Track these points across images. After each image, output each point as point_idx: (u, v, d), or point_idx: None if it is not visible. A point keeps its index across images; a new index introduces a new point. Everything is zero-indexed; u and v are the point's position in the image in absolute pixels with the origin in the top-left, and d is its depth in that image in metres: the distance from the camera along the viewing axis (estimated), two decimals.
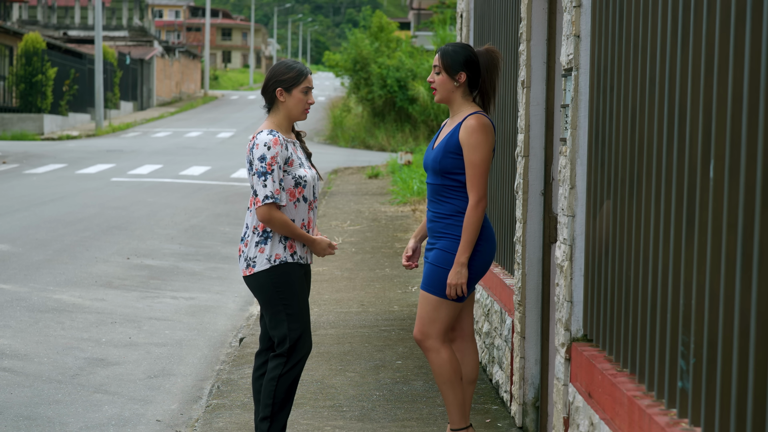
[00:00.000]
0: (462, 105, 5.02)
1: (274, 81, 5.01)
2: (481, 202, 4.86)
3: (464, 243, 4.87)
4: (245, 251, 4.99)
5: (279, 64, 5.11)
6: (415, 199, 16.80)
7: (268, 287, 4.96)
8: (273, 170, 4.86)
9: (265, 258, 4.94)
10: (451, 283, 4.89)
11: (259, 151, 4.87)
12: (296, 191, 4.98)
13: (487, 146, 4.89)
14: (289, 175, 4.95)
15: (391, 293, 9.76)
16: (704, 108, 3.03)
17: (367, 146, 32.64)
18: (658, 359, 3.40)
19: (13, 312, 8.91)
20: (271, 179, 4.85)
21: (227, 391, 6.52)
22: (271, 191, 4.85)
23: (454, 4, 30.67)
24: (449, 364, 4.99)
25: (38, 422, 6.09)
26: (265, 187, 4.85)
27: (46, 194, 17.73)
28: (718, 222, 2.90)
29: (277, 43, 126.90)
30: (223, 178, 21.46)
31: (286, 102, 5.02)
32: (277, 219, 4.87)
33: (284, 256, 4.95)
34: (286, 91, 5.00)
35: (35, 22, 55.48)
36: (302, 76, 5.01)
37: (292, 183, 4.96)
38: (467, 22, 8.11)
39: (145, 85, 54.99)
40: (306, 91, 5.03)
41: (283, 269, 4.95)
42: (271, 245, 4.94)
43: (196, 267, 11.53)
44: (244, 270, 5.00)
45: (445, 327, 5.00)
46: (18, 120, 35.78)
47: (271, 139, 4.89)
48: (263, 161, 4.86)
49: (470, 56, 5.02)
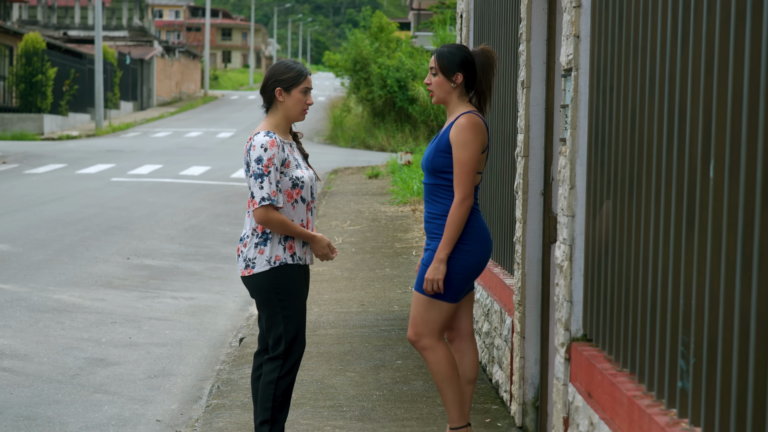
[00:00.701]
0: (458, 105, 5.03)
1: (273, 81, 5.00)
2: (465, 201, 4.87)
3: (445, 239, 4.88)
4: (244, 252, 4.98)
5: (278, 64, 5.10)
6: (415, 199, 16.79)
7: (266, 288, 4.95)
8: (270, 172, 4.85)
9: (265, 260, 4.93)
10: (428, 277, 4.90)
11: (256, 152, 4.86)
12: (294, 192, 4.97)
13: (475, 145, 4.89)
14: (286, 176, 4.95)
15: (391, 293, 9.76)
16: (704, 108, 3.03)
17: (367, 146, 32.63)
18: (658, 359, 3.40)
19: (13, 312, 8.91)
20: (267, 181, 4.85)
21: (227, 391, 6.52)
22: (268, 193, 4.84)
23: (454, 4, 30.66)
24: (445, 362, 4.99)
25: (38, 422, 6.09)
26: (262, 189, 4.84)
27: (46, 194, 17.73)
28: (718, 222, 2.90)
29: (277, 43, 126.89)
30: (223, 178, 21.46)
31: (285, 102, 5.01)
32: (274, 220, 4.87)
33: (284, 258, 4.95)
34: (286, 91, 5.00)
35: (35, 22, 55.48)
36: (302, 77, 5.01)
37: (289, 184, 4.96)
38: (467, 23, 8.11)
39: (145, 85, 54.99)
40: (305, 92, 5.02)
41: (282, 271, 4.95)
42: (271, 247, 4.94)
43: (196, 267, 11.53)
44: (243, 270, 4.99)
45: (439, 326, 5.00)
46: (18, 120, 35.78)
47: (267, 140, 4.88)
48: (260, 163, 4.85)
49: (466, 57, 5.02)
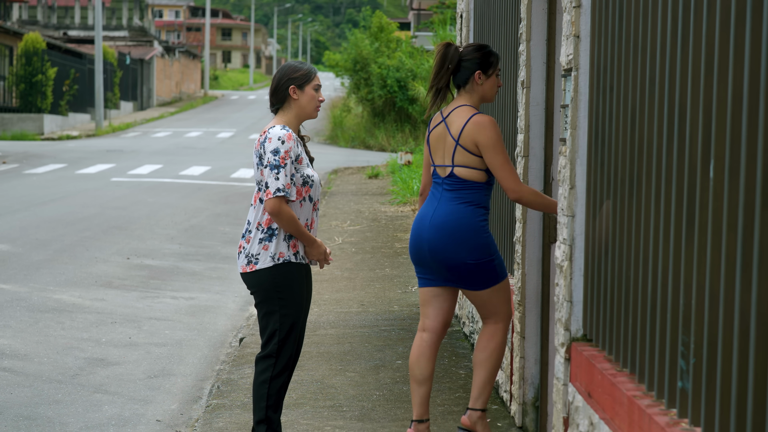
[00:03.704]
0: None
1: (286, 79, 5.04)
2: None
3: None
4: (246, 247, 4.98)
5: (286, 64, 5.16)
6: (415, 199, 16.77)
7: (268, 285, 4.95)
8: (286, 164, 4.87)
9: (269, 256, 4.93)
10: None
11: (273, 144, 4.88)
12: (303, 190, 4.99)
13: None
14: (299, 173, 4.96)
15: (391, 293, 9.76)
16: (704, 108, 3.03)
17: (367, 146, 32.62)
18: (658, 359, 3.40)
19: (13, 312, 8.91)
20: (283, 173, 4.86)
21: (227, 391, 6.52)
22: (283, 185, 4.85)
23: (454, 4, 30.64)
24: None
25: (38, 422, 6.09)
26: (278, 179, 4.85)
27: (46, 194, 17.72)
28: (718, 222, 2.90)
29: (277, 43, 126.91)
30: (223, 178, 21.45)
31: (300, 99, 5.04)
32: (285, 213, 4.87)
33: (288, 255, 4.95)
34: (299, 89, 5.03)
35: (35, 22, 55.46)
36: (312, 74, 5.08)
37: (300, 181, 4.97)
38: (467, 23, 8.11)
39: (145, 85, 54.98)
40: (317, 89, 5.08)
41: (286, 268, 4.95)
42: (276, 243, 4.94)
43: (196, 267, 11.53)
44: (244, 266, 4.98)
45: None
46: (18, 120, 35.77)
47: (285, 134, 4.91)
48: (276, 154, 4.86)
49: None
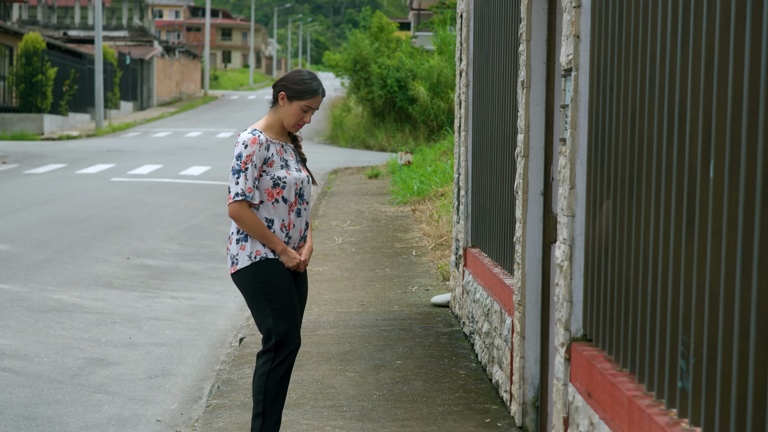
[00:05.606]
0: None
1: (283, 84, 5.11)
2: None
3: None
4: (230, 249, 5.09)
5: (297, 71, 5.20)
6: (415, 199, 16.77)
7: (251, 283, 5.03)
8: (247, 168, 4.95)
9: (246, 255, 5.02)
10: None
11: (237, 149, 5.00)
12: (274, 192, 5.04)
13: None
14: (267, 175, 5.02)
15: (391, 293, 9.76)
16: (704, 108, 3.03)
17: (367, 146, 32.62)
18: (658, 359, 3.40)
19: (13, 312, 8.91)
20: (243, 177, 4.94)
21: (227, 391, 6.52)
22: (243, 189, 4.94)
23: (454, 4, 30.65)
24: None
25: (38, 422, 6.09)
26: (237, 184, 4.95)
27: (46, 194, 17.72)
28: (718, 222, 2.90)
29: (277, 43, 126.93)
30: (223, 178, 21.44)
31: (284, 108, 5.11)
32: (245, 217, 4.95)
33: (264, 253, 5.03)
34: (288, 99, 5.08)
35: (35, 22, 55.47)
36: (308, 94, 5.08)
37: (270, 183, 5.03)
38: (467, 23, 8.11)
39: (145, 85, 54.99)
40: (306, 109, 5.09)
41: (264, 265, 5.02)
42: (251, 242, 5.03)
43: (196, 267, 11.53)
44: (230, 267, 5.11)
45: None
46: (18, 120, 35.78)
47: (249, 138, 5.00)
48: (239, 159, 4.97)
49: None
